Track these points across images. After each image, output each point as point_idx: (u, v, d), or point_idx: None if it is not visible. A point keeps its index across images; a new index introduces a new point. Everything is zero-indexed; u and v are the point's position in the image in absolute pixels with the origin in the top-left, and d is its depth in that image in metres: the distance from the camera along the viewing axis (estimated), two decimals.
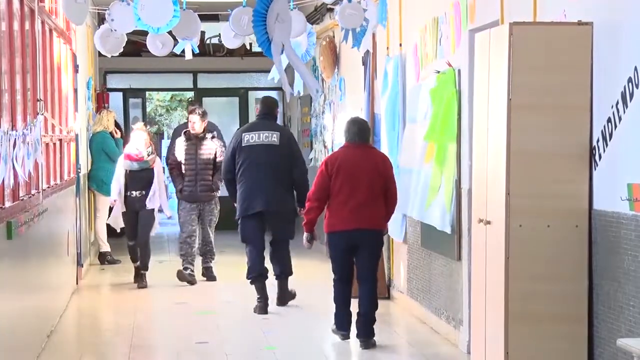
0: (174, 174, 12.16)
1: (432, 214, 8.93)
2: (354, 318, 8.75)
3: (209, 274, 12.41)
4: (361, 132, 8.79)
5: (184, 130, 12.33)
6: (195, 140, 12.08)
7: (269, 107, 10.79)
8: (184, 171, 12.08)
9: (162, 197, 11.94)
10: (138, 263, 12.05)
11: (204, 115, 12.14)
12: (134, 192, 11.82)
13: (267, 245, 10.51)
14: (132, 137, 12.06)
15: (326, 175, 8.66)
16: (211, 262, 12.46)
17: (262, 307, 10.13)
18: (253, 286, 10.26)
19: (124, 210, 11.89)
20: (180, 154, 12.14)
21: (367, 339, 8.61)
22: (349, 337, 8.76)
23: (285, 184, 10.31)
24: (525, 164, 6.47)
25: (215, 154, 12.05)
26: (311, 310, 10.39)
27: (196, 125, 12.06)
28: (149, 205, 11.81)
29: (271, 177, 10.20)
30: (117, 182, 11.92)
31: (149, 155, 11.86)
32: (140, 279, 12.00)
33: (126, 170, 11.85)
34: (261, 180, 10.18)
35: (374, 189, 8.61)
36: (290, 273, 10.59)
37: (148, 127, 15.98)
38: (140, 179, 11.82)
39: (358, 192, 8.57)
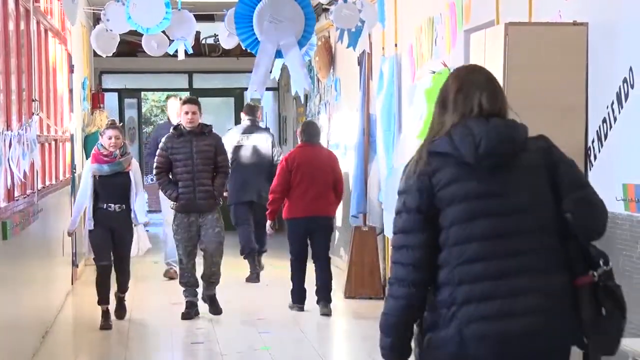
0: (163, 179, 9.80)
1: None
2: (314, 297, 10.14)
3: (213, 305, 9.98)
4: (315, 133, 10.48)
5: (175, 125, 10.06)
6: (189, 137, 9.76)
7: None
8: (176, 175, 9.75)
9: (139, 202, 9.62)
10: (107, 307, 9.57)
11: (199, 106, 9.95)
12: (111, 205, 9.43)
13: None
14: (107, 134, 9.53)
15: (287, 171, 10.16)
16: (215, 287, 10.00)
17: (256, 277, 12.14)
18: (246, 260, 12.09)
19: (91, 228, 9.42)
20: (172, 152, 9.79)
21: (326, 302, 10.06)
22: (303, 309, 10.19)
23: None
24: None
25: (216, 151, 9.83)
26: (307, 310, 10.39)
27: (195, 117, 9.78)
28: (134, 221, 9.58)
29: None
30: (82, 197, 9.51)
31: (122, 156, 9.47)
32: (116, 304, 9.84)
33: (95, 177, 9.40)
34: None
35: (327, 182, 10.16)
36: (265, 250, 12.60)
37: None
38: (113, 186, 9.43)
39: (314, 185, 10.08)
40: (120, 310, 9.85)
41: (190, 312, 9.86)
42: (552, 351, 3.66)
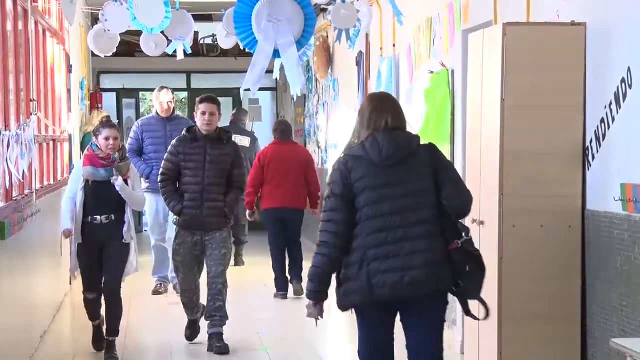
0: (168, 189, 8.40)
1: None
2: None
3: (219, 345, 8.41)
4: (287, 131, 11.23)
5: (188, 127, 8.57)
6: (204, 142, 8.35)
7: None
8: (183, 185, 8.38)
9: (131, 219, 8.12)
10: (98, 322, 8.41)
11: (219, 107, 8.49)
12: (97, 217, 7.94)
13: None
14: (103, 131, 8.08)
15: (259, 167, 10.96)
16: (223, 324, 8.50)
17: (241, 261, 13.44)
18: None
19: (80, 241, 8.01)
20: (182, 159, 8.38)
21: (298, 280, 11.01)
22: (287, 297, 11.03)
23: None
24: (519, 165, 6.48)
25: (233, 163, 8.42)
26: (304, 310, 10.38)
27: (213, 119, 8.36)
28: (127, 237, 8.02)
29: None
30: (71, 200, 7.98)
31: (122, 160, 8.03)
32: (105, 347, 8.19)
33: (86, 182, 7.95)
34: None
35: (298, 176, 10.95)
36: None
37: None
38: (106, 196, 7.95)
39: (286, 179, 10.92)
40: (110, 353, 8.15)
41: (193, 335, 8.83)
42: (433, 294, 5.21)
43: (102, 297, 8.16)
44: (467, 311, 5.32)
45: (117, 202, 7.99)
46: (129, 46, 15.66)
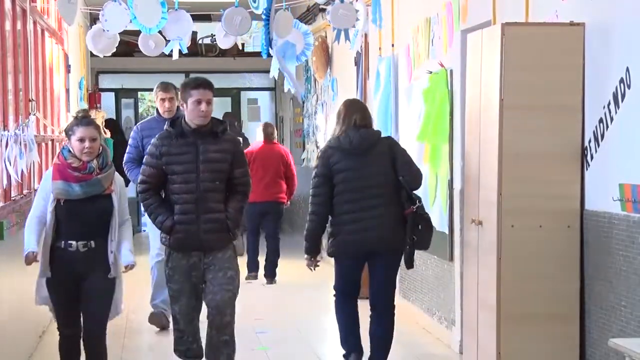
0: (151, 200, 6.83)
1: (433, 215, 8.93)
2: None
3: None
4: (271, 132, 12.53)
5: (171, 119, 7.15)
6: (194, 138, 6.78)
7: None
8: (173, 195, 6.79)
9: (124, 238, 6.44)
10: None
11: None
12: (72, 243, 6.28)
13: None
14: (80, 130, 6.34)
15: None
16: None
17: None
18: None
19: (48, 276, 6.36)
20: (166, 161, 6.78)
21: (271, 279, 12.10)
22: (257, 278, 12.18)
23: None
24: (517, 164, 6.48)
25: (233, 162, 6.85)
26: (304, 310, 10.40)
27: (210, 109, 6.81)
28: (113, 270, 6.36)
29: None
30: (37, 220, 6.34)
31: (102, 169, 6.31)
32: None
33: (57, 202, 6.28)
34: None
35: (278, 173, 12.19)
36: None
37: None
38: (85, 217, 6.30)
39: (267, 175, 12.08)
40: None
41: None
42: (389, 250, 7.08)
43: (82, 339, 6.51)
44: (408, 262, 7.10)
45: (98, 225, 6.31)
46: (127, 46, 15.66)
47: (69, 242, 6.29)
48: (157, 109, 9.45)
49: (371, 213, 7.00)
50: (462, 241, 7.82)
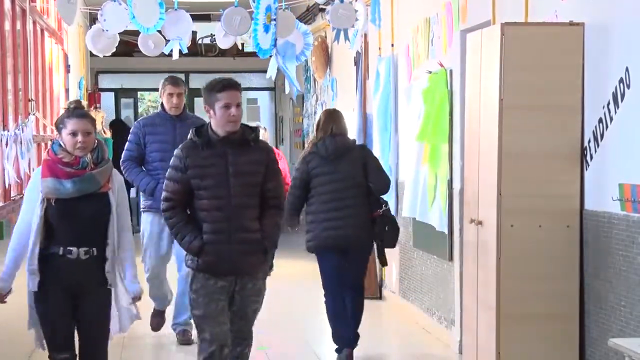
0: (178, 218, 5.98)
1: (433, 215, 8.94)
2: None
3: None
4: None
5: (196, 127, 6.09)
6: (223, 148, 5.98)
7: None
8: (201, 212, 5.96)
9: (126, 254, 5.76)
10: None
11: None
12: (72, 250, 5.57)
13: None
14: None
15: None
16: None
17: None
18: None
19: (35, 289, 5.61)
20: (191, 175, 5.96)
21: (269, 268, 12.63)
22: None
23: None
24: (517, 164, 6.48)
25: (266, 173, 6.05)
26: (303, 310, 10.40)
27: (239, 113, 6.02)
28: (111, 278, 5.69)
29: None
30: (20, 236, 5.71)
31: (97, 165, 5.64)
32: None
33: (48, 202, 5.58)
34: None
35: None
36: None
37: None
38: (79, 218, 5.60)
39: None
40: None
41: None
42: (360, 247, 7.90)
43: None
44: (380, 258, 8.03)
45: (96, 228, 5.63)
46: (127, 46, 15.66)
47: (69, 248, 5.55)
48: (161, 104, 8.71)
49: (344, 213, 7.78)
50: (462, 241, 7.82)
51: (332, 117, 8.06)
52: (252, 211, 5.98)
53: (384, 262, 8.07)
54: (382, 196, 7.95)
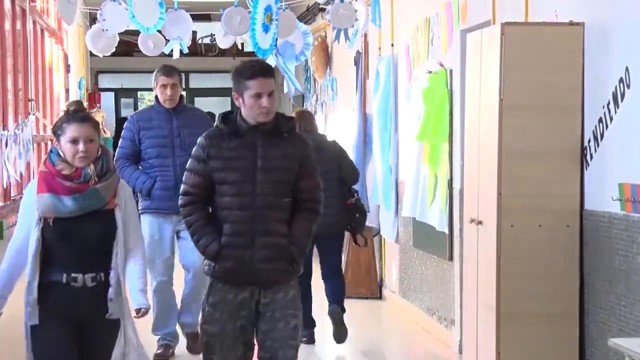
0: (196, 217, 5.26)
1: (433, 215, 8.95)
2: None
3: None
4: None
5: (222, 114, 5.37)
6: (253, 138, 5.25)
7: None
8: (222, 210, 5.23)
9: (133, 271, 4.96)
10: None
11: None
12: (77, 277, 4.81)
13: None
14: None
15: None
16: None
17: None
18: None
19: (35, 323, 4.90)
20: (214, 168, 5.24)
21: None
22: None
23: None
24: (517, 164, 6.48)
25: (300, 169, 5.29)
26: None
27: (272, 102, 5.25)
28: (113, 308, 4.89)
29: None
30: (13, 257, 5.02)
31: (101, 178, 4.87)
32: None
33: (45, 221, 4.83)
34: None
35: None
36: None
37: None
38: (82, 240, 4.84)
39: None
40: None
41: None
42: (336, 233, 8.70)
43: None
44: (355, 240, 8.91)
45: (102, 251, 4.87)
46: (127, 46, 15.66)
47: (73, 275, 4.80)
48: (156, 97, 7.95)
49: (330, 202, 8.12)
50: (462, 241, 7.82)
51: (304, 116, 8.92)
52: (279, 213, 5.22)
53: (356, 243, 8.95)
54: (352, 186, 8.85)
